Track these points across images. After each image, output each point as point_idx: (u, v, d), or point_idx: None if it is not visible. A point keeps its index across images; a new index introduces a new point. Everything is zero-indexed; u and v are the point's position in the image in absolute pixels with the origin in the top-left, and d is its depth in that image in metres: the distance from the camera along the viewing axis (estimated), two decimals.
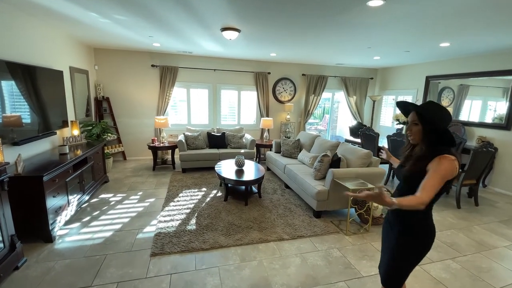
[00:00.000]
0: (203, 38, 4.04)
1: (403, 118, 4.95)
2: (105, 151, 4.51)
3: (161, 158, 5.43)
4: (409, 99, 6.39)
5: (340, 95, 7.27)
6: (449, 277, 2.28)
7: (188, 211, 3.34)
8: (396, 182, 4.91)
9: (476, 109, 5.03)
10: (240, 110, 6.41)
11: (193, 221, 3.08)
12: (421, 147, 1.35)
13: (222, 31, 3.44)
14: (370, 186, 2.95)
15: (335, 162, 3.42)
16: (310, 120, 7.30)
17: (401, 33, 3.40)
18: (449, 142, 1.29)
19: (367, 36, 3.61)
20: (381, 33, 3.43)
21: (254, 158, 5.38)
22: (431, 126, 1.29)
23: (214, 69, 5.89)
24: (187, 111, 6.03)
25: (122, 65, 5.41)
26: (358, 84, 7.00)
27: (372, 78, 7.23)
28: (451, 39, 3.67)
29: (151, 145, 5.02)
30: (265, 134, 5.92)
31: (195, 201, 3.66)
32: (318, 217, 3.28)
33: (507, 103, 4.44)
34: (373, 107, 7.22)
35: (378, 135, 4.87)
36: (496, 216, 3.57)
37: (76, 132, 3.90)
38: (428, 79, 5.94)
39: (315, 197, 3.15)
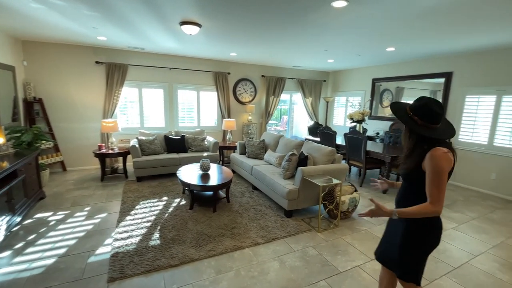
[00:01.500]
0: (159, 32, 3.71)
1: (356, 117, 5.30)
2: (40, 162, 3.80)
3: (111, 166, 4.82)
4: (358, 100, 6.93)
5: (297, 97, 7.51)
6: None
7: (148, 224, 2.98)
8: (353, 177, 5.24)
9: None
10: (199, 111, 6.10)
11: (156, 235, 2.75)
12: (407, 142, 1.38)
13: (181, 25, 3.19)
14: (336, 181, 3.02)
15: (303, 160, 3.45)
16: (269, 121, 7.36)
17: (358, 36, 3.62)
18: (437, 135, 1.28)
19: (327, 38, 3.75)
20: (340, 35, 3.60)
21: (218, 161, 5.16)
22: (406, 121, 1.34)
23: (170, 68, 5.50)
24: (139, 113, 5.49)
25: (59, 61, 4.67)
26: (313, 86, 7.32)
27: (325, 81, 7.65)
28: (397, 43, 4.04)
29: (98, 152, 4.41)
30: (228, 135, 5.75)
31: (156, 212, 3.30)
32: (290, 217, 3.26)
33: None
34: (327, 108, 7.64)
35: (335, 133, 5.12)
36: None
37: (0, 140, 3.19)
38: (374, 82, 6.52)
39: (286, 196, 3.12)
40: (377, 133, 6.31)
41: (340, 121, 7.65)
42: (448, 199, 4.11)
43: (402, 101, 5.94)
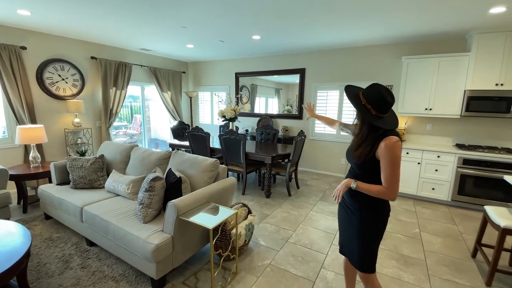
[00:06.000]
0: None
1: (229, 114, 4.57)
2: None
3: None
4: (223, 95, 6.33)
5: (152, 90, 5.92)
6: (333, 276, 1.91)
7: None
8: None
9: (272, 104, 5.74)
10: None
11: None
12: (359, 131, 1.34)
13: None
14: (229, 212, 2.05)
15: (174, 185, 2.20)
16: (116, 123, 5.37)
17: (222, 11, 2.72)
18: (386, 125, 1.27)
19: (184, 6, 2.62)
20: (201, 5, 2.57)
21: (14, 205, 2.85)
22: (360, 109, 1.30)
23: None
24: None
25: None
26: (171, 77, 6.00)
27: (184, 72, 6.50)
28: (263, 30, 3.58)
29: None
30: (32, 154, 3.39)
31: None
32: (163, 285, 1.96)
33: (297, 99, 5.34)
34: (191, 104, 6.56)
35: (209, 135, 4.16)
36: (315, 194, 4.05)
37: None
38: (237, 76, 6.09)
39: (151, 258, 1.79)
40: (247, 130, 5.96)
41: (207, 119, 6.80)
42: (318, 191, 4.21)
43: (257, 97, 5.97)
